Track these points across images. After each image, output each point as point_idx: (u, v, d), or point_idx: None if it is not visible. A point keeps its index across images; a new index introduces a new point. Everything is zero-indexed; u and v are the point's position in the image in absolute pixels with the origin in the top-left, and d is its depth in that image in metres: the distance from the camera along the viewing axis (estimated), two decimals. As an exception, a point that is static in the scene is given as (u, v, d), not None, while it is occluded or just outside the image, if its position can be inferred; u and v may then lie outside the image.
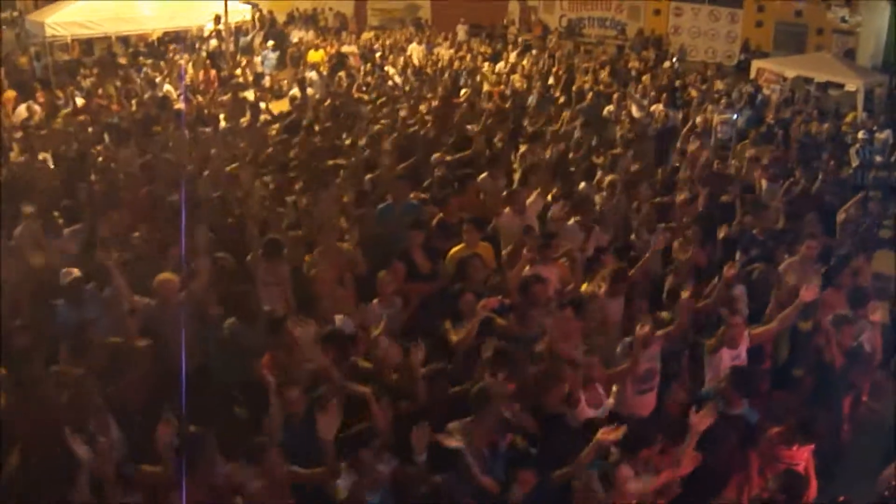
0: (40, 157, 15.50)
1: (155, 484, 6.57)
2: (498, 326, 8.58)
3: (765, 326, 9.15)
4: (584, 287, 9.76)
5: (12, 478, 6.95)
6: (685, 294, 8.84)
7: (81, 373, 7.59)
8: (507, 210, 11.24)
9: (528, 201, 11.45)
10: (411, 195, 11.74)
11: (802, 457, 7.56)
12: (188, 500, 6.32)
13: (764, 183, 14.27)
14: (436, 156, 13.50)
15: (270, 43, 26.16)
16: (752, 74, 24.51)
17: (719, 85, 22.82)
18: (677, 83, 22.75)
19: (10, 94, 20.98)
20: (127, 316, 8.70)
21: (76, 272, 9.24)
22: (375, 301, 9.25)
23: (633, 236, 11.69)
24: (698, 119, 19.08)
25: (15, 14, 27.16)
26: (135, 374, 8.12)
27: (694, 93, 21.52)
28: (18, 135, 16.74)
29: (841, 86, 22.83)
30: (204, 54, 24.88)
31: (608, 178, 12.78)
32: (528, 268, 9.51)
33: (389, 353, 8.14)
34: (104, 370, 7.97)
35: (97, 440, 6.51)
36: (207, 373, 8.67)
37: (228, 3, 23.62)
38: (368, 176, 12.81)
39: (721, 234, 11.50)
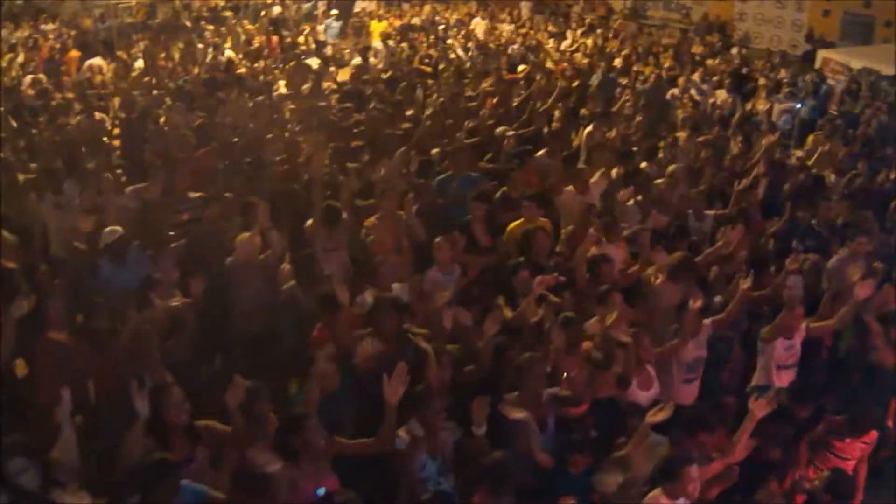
0: (97, 116, 15.68)
1: (221, 442, 6.66)
2: (553, 304, 8.54)
3: (823, 322, 9.02)
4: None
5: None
6: (744, 283, 8.74)
7: (144, 329, 7.68)
8: (569, 188, 11.19)
9: (592, 181, 11.40)
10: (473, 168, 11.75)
11: (854, 453, 7.50)
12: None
13: (832, 176, 14.06)
14: (499, 130, 13.47)
15: (334, 12, 26.19)
16: (818, 64, 24.15)
17: (783, 74, 22.51)
18: (743, 70, 22.46)
19: (75, 53, 21.25)
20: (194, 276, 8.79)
21: (120, 230, 9.34)
22: (433, 268, 9.27)
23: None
24: (760, 107, 18.89)
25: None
26: (190, 334, 8.23)
27: (762, 80, 21.25)
28: (81, 94, 16.90)
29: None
30: (266, 20, 24.96)
31: (670, 166, 12.67)
32: (593, 247, 9.47)
33: (454, 319, 8.12)
34: (164, 329, 8.06)
35: (170, 392, 6.60)
36: (270, 337, 8.77)
37: (292, -30, 23.67)
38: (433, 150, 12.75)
39: (776, 224, 11.39)
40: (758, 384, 8.66)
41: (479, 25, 26.13)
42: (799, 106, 19.12)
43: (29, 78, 18.39)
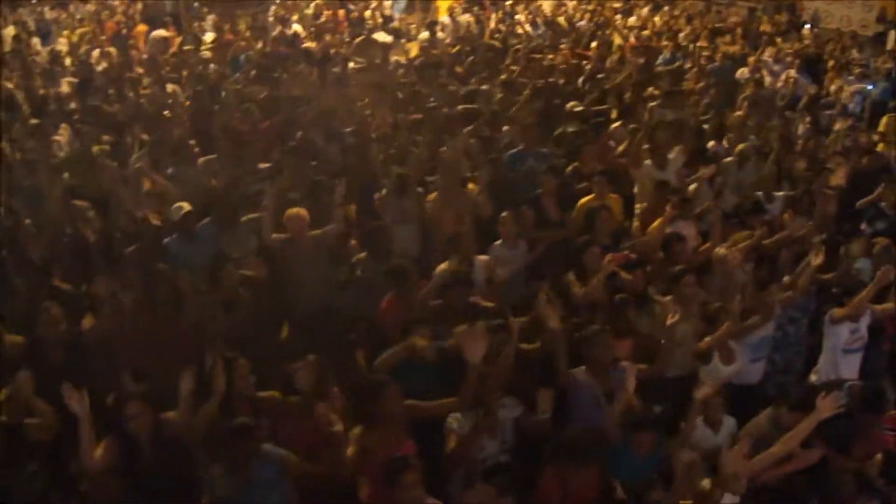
0: (169, 88, 15.84)
1: (283, 414, 6.74)
2: (624, 282, 8.50)
3: (887, 304, 8.87)
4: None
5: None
6: (815, 260, 8.64)
7: (208, 301, 7.79)
8: (647, 162, 11.14)
9: (670, 157, 11.30)
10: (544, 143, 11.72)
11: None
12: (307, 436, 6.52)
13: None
14: (569, 105, 13.40)
15: (401, -13, 26.10)
16: (889, 45, 23.68)
17: (854, 55, 22.10)
18: (814, 51, 22.11)
19: (142, 28, 21.51)
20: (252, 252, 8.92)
21: (187, 206, 9.41)
22: (498, 242, 9.27)
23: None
24: (831, 88, 18.60)
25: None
26: (255, 308, 8.32)
27: (832, 62, 20.88)
28: (150, 67, 17.09)
29: None
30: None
31: (739, 146, 12.51)
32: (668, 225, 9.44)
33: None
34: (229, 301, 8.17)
35: (237, 364, 6.67)
36: (333, 310, 8.82)
37: (361, -56, 23.65)
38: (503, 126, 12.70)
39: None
40: (823, 367, 8.54)
41: (545, 1, 25.89)
42: (870, 87, 18.73)
43: (97, 52, 18.61)
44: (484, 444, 6.67)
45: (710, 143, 12.73)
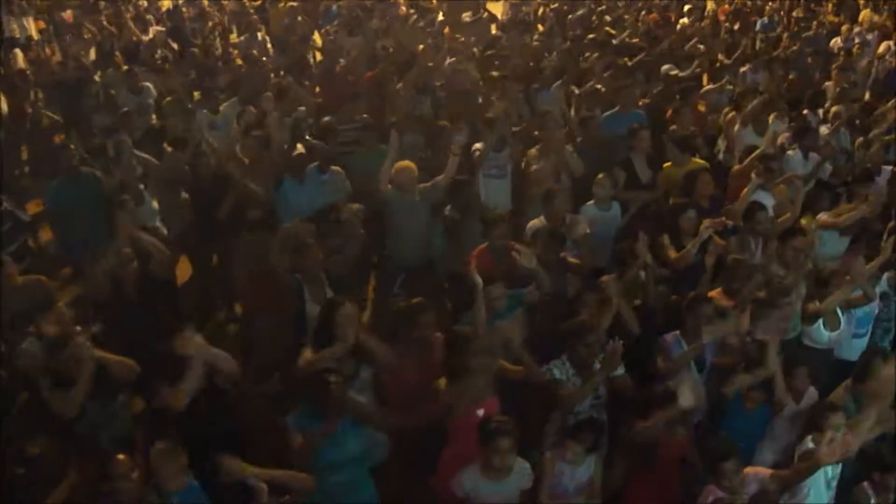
0: (259, 36, 15.94)
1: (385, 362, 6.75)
2: (717, 247, 8.39)
3: None
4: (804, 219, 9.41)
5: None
6: None
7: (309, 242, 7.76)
8: (737, 127, 11.01)
9: (769, 122, 11.14)
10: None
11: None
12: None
13: None
14: (665, 67, 13.26)
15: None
16: None
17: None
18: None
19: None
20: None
21: (301, 148, 9.47)
22: (591, 203, 9.22)
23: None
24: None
25: None
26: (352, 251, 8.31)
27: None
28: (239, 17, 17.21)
29: None
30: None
31: (833, 109, 12.26)
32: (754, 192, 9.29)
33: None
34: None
35: (342, 308, 6.66)
36: (432, 263, 8.86)
37: None
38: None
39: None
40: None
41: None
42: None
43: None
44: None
45: (805, 112, 12.45)
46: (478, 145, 9.78)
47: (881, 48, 17.67)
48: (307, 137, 10.45)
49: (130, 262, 7.63)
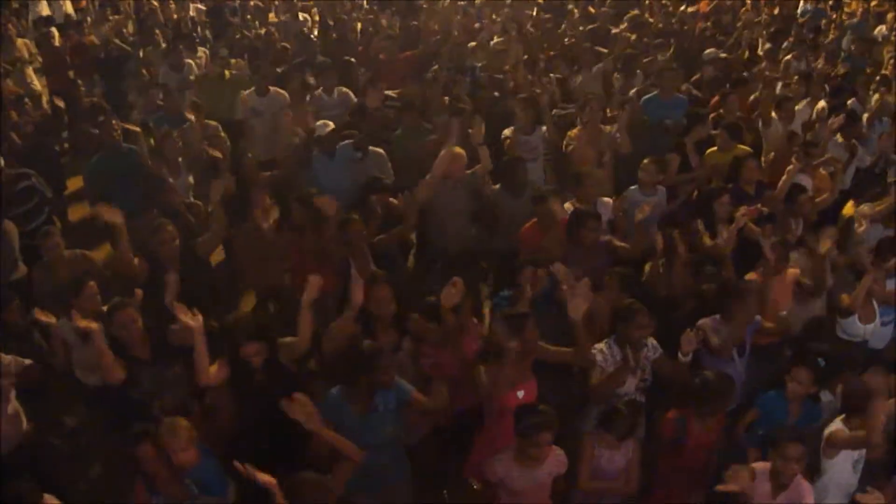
0: (301, 17, 15.94)
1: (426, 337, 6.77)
2: (751, 232, 8.34)
3: None
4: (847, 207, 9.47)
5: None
6: None
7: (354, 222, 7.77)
8: (773, 116, 10.90)
9: (798, 108, 11.08)
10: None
11: None
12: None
13: None
14: (707, 52, 13.16)
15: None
16: None
17: None
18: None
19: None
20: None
21: (331, 125, 9.51)
22: (634, 186, 9.19)
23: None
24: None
25: None
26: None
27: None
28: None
29: None
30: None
31: (875, 97, 12.13)
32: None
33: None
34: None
35: (380, 284, 6.73)
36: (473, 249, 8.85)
37: None
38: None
39: None
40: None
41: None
42: None
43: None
44: (625, 381, 6.64)
45: (850, 101, 12.34)
46: (507, 132, 9.80)
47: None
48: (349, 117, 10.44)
49: (173, 241, 7.68)
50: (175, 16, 16.52)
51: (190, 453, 5.55)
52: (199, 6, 17.52)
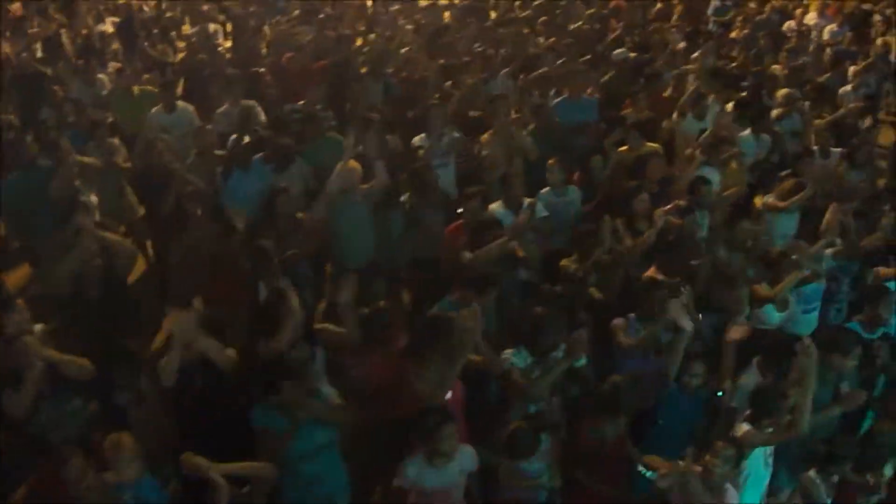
0: (211, 28, 15.85)
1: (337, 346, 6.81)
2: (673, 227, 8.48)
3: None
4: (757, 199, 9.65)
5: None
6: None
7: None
8: (674, 117, 11.09)
9: (708, 105, 11.19)
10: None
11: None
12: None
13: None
14: (617, 52, 13.29)
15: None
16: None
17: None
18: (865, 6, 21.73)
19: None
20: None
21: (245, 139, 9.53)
22: (546, 189, 9.23)
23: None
24: (878, 42, 18.29)
25: None
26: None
27: (878, 17, 20.51)
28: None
29: None
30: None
31: (783, 91, 12.35)
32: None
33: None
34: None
35: (289, 297, 6.74)
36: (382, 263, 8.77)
37: None
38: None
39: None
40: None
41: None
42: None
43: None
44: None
45: (760, 95, 12.57)
46: (416, 139, 9.84)
47: (826, 31, 17.88)
48: (257, 129, 10.35)
49: (94, 260, 7.57)
50: (85, 31, 16.28)
51: (131, 471, 5.48)
52: (116, 19, 17.31)
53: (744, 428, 6.22)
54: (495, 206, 8.69)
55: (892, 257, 8.53)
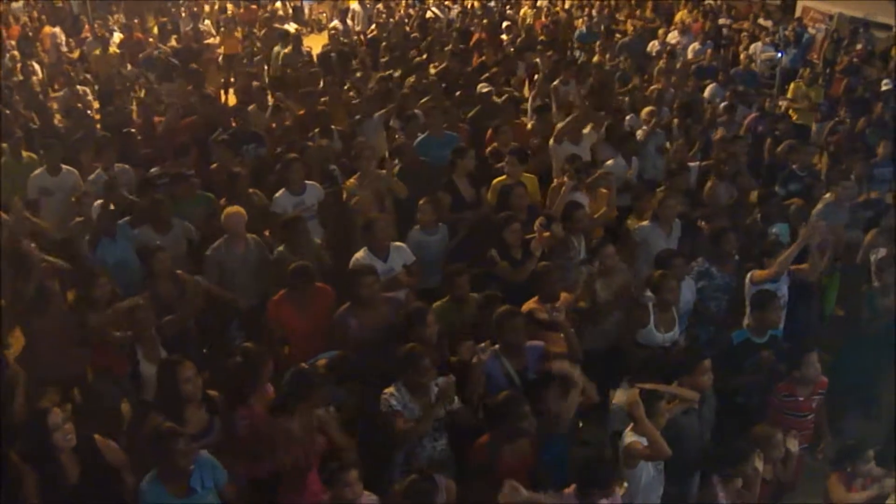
0: (80, 90, 15.60)
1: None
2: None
3: (800, 265, 8.92)
4: (629, 220, 9.80)
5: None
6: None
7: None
8: (552, 144, 11.24)
9: (585, 132, 11.42)
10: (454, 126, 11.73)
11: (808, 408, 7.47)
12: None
13: (815, 124, 14.31)
14: (480, 86, 13.41)
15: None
16: (798, 13, 24.00)
17: (764, 23, 22.39)
18: (721, 21, 22.40)
19: (49, 30, 21.16)
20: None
21: (101, 206, 9.35)
22: (417, 227, 9.25)
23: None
24: (741, 56, 18.87)
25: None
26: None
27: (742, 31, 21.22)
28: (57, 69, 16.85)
29: (889, 27, 22.17)
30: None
31: (646, 110, 12.67)
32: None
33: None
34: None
35: (182, 366, 6.56)
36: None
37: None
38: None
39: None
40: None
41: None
42: (780, 55, 19.03)
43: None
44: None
45: (628, 117, 12.82)
46: (277, 195, 9.76)
47: (689, 50, 18.40)
48: (125, 193, 10.18)
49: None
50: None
51: None
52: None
53: (630, 438, 6.39)
54: (360, 255, 8.56)
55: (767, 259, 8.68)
